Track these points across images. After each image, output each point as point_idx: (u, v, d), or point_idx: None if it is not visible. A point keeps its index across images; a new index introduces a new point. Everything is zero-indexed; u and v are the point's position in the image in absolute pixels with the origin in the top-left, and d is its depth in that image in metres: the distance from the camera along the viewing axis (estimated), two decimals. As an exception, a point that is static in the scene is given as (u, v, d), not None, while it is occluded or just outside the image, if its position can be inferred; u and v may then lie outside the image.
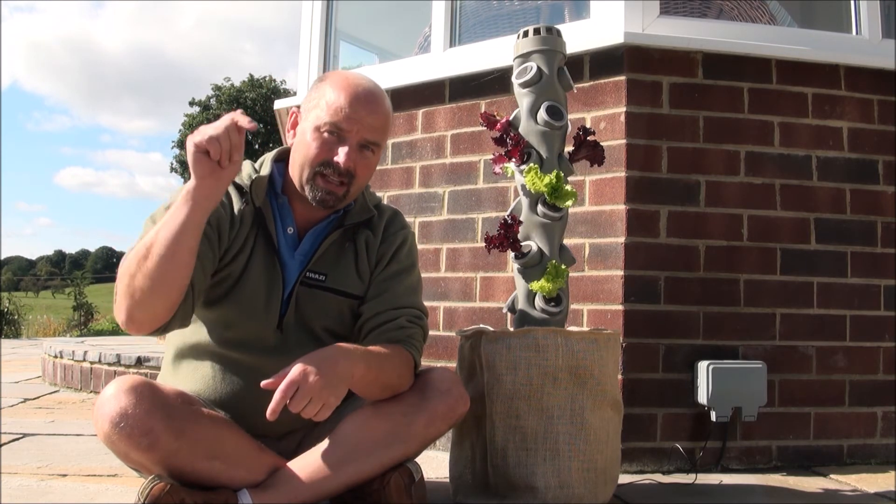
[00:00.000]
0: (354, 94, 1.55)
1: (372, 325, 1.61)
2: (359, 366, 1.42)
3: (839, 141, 2.35)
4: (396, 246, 1.69)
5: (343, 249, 1.65)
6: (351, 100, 1.54)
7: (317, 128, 1.55)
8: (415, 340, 1.61)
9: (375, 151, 1.59)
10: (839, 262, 2.32)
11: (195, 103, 32.35)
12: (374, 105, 1.57)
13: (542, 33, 1.86)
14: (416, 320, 1.63)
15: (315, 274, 1.62)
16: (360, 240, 1.67)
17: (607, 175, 2.20)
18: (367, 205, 1.69)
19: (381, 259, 1.67)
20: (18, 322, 13.08)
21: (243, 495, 1.42)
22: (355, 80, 1.59)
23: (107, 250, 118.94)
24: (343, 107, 1.53)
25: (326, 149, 1.54)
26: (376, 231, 1.69)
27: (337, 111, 1.53)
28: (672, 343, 2.18)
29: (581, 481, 1.66)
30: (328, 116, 1.53)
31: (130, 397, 1.36)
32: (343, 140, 1.54)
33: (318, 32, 3.03)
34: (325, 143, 1.54)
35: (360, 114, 1.54)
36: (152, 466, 1.39)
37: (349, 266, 1.65)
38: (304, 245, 1.63)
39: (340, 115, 1.53)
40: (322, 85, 1.59)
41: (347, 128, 1.54)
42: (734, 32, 2.36)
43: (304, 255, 1.63)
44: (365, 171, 1.59)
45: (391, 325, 1.60)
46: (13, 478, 1.89)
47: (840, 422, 2.29)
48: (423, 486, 1.55)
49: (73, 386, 3.68)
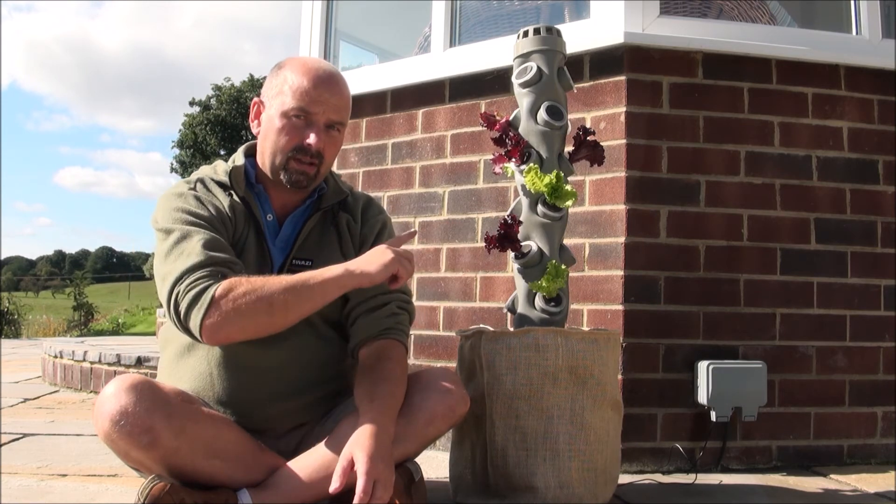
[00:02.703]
0: (317, 76, 1.58)
1: (361, 309, 1.63)
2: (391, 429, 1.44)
3: (839, 141, 2.35)
4: (378, 229, 1.72)
5: (325, 234, 1.68)
6: (315, 83, 1.57)
7: (284, 113, 1.58)
8: (403, 326, 1.66)
9: (341, 130, 1.63)
10: (839, 262, 2.32)
11: (195, 103, 32.32)
12: (336, 86, 1.61)
13: (542, 33, 1.86)
14: (405, 305, 1.67)
15: (301, 260, 1.63)
16: (340, 223, 1.69)
17: (607, 175, 2.20)
18: (340, 186, 1.72)
19: (365, 242, 1.69)
20: (18, 322, 13.09)
21: (243, 495, 1.42)
22: (315, 64, 1.62)
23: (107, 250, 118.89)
24: (308, 90, 1.56)
25: (296, 133, 1.58)
26: (355, 215, 1.72)
27: (303, 95, 1.56)
28: (672, 343, 2.18)
29: (581, 481, 1.66)
30: (294, 101, 1.56)
31: (131, 396, 1.36)
32: (311, 123, 1.58)
33: (318, 32, 3.03)
34: (295, 127, 1.58)
35: (324, 96, 1.58)
36: (152, 465, 1.39)
37: (334, 249, 1.66)
38: (285, 231, 1.65)
39: (307, 99, 1.56)
40: (281, 72, 1.62)
41: (314, 110, 1.57)
42: (734, 32, 2.36)
43: (284, 242, 1.64)
44: (332, 149, 1.63)
45: (382, 311, 1.62)
46: (13, 478, 1.89)
47: (840, 422, 2.29)
48: (423, 486, 1.55)
49: (73, 386, 3.68)
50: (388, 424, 1.44)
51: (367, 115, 2.72)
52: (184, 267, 1.45)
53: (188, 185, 1.62)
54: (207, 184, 1.62)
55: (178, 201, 1.56)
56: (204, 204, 1.57)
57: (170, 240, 1.50)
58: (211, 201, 1.59)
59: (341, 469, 1.35)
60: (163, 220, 1.55)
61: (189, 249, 1.47)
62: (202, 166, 1.71)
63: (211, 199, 1.59)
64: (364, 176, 2.72)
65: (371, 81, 2.72)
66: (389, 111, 2.69)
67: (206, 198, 1.59)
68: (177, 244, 1.49)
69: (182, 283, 1.44)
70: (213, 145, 30.73)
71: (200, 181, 1.63)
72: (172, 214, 1.54)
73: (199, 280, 1.44)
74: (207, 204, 1.57)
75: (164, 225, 1.54)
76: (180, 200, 1.56)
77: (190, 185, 1.62)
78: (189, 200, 1.56)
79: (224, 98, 31.61)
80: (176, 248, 1.48)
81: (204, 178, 1.64)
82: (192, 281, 1.44)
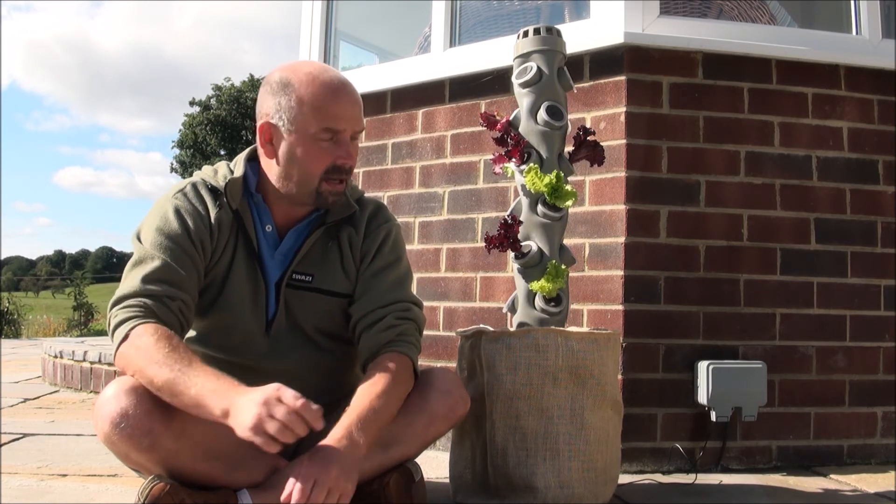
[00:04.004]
0: (335, 91, 1.53)
1: (362, 326, 1.60)
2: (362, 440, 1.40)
3: (839, 141, 2.35)
4: (380, 241, 1.66)
5: (327, 248, 1.64)
6: (335, 97, 1.52)
7: (311, 136, 1.52)
8: (407, 336, 1.59)
9: (359, 138, 1.61)
10: (839, 262, 2.32)
11: (195, 103, 32.33)
12: (353, 94, 1.56)
13: (542, 33, 1.86)
14: (406, 314, 1.62)
15: (301, 275, 1.61)
16: (343, 237, 1.65)
17: (607, 175, 2.20)
18: (349, 200, 1.67)
19: (366, 256, 1.65)
20: (18, 322, 13.08)
21: (243, 495, 1.42)
22: (325, 75, 1.55)
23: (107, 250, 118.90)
24: (329, 107, 1.51)
25: (326, 154, 1.53)
26: (358, 227, 1.66)
27: (326, 114, 1.51)
28: (672, 343, 2.18)
29: (581, 481, 1.67)
30: (318, 122, 1.51)
31: (131, 398, 1.36)
32: (338, 139, 1.53)
33: (318, 32, 3.03)
34: (323, 149, 1.53)
35: (346, 108, 1.53)
36: (152, 467, 1.39)
37: (335, 265, 1.64)
38: (286, 244, 1.62)
39: (331, 117, 1.51)
40: (290, 89, 1.52)
41: (341, 127, 1.53)
42: (734, 32, 2.36)
43: (284, 255, 1.61)
44: (355, 159, 1.60)
45: (380, 325, 1.59)
46: (13, 478, 1.89)
47: (840, 422, 2.29)
48: (423, 486, 1.55)
49: (73, 386, 3.68)
50: (358, 436, 1.39)
51: (367, 115, 2.72)
52: (123, 291, 1.48)
53: (179, 190, 1.60)
54: (200, 189, 1.59)
55: (158, 219, 1.54)
56: (184, 218, 1.54)
57: (134, 256, 1.52)
58: (193, 212, 1.55)
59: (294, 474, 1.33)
60: (142, 230, 1.55)
61: (137, 273, 1.49)
62: (204, 166, 1.69)
63: (196, 208, 1.56)
64: (364, 176, 2.72)
65: (371, 81, 2.72)
66: (389, 111, 2.69)
67: (188, 209, 1.56)
68: (135, 265, 1.51)
69: (117, 306, 1.47)
70: (214, 145, 30.74)
71: (193, 186, 1.60)
72: (146, 232, 1.54)
73: (128, 308, 1.45)
74: (188, 216, 1.55)
75: (137, 238, 1.55)
76: (159, 219, 1.54)
77: (181, 190, 1.59)
78: (168, 217, 1.54)
79: (224, 98, 31.62)
80: (133, 269, 1.50)
81: (198, 182, 1.61)
82: (123, 307, 1.46)
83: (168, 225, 1.53)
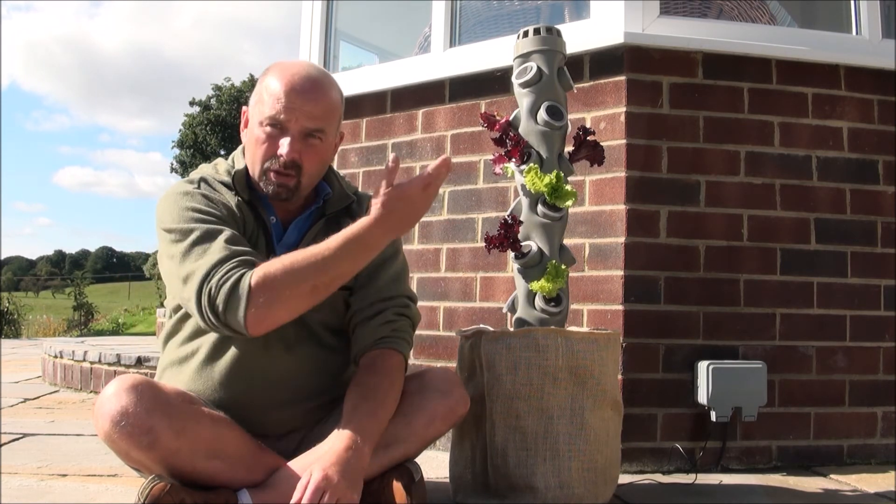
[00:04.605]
0: (290, 83, 1.53)
1: (359, 318, 1.61)
2: (366, 449, 1.42)
3: (839, 141, 2.35)
4: None
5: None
6: (287, 90, 1.52)
7: (259, 123, 1.54)
8: (402, 333, 1.61)
9: (322, 139, 1.56)
10: (839, 262, 2.32)
11: (195, 103, 32.32)
12: (311, 93, 1.54)
13: (542, 33, 1.86)
14: (404, 310, 1.63)
15: None
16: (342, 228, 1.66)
17: (607, 175, 2.20)
18: (345, 191, 1.68)
19: None
20: (18, 322, 13.09)
21: (243, 495, 1.42)
22: (293, 69, 1.56)
23: (107, 250, 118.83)
24: (280, 98, 1.52)
25: (271, 143, 1.53)
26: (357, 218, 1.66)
27: (274, 104, 1.52)
28: (672, 343, 2.18)
29: (581, 481, 1.67)
30: (268, 110, 1.53)
31: (131, 396, 1.36)
32: (285, 131, 1.53)
33: (318, 32, 3.03)
34: (269, 137, 1.53)
35: (296, 103, 1.52)
36: (152, 465, 1.39)
37: None
38: (289, 237, 1.62)
39: (278, 107, 1.52)
40: (265, 78, 1.57)
41: (286, 118, 1.52)
42: (734, 32, 2.36)
43: (287, 248, 1.61)
44: (313, 158, 1.56)
45: (378, 319, 1.60)
46: (13, 478, 1.89)
47: (840, 422, 2.29)
48: (423, 486, 1.55)
49: (73, 386, 3.68)
50: (361, 444, 1.41)
51: (367, 115, 2.72)
52: (210, 263, 1.42)
53: (192, 184, 1.58)
54: (212, 183, 1.59)
55: (187, 200, 1.52)
56: (213, 202, 1.54)
57: (187, 240, 1.46)
58: (219, 199, 1.55)
59: (302, 486, 1.35)
60: (172, 220, 1.50)
61: (211, 247, 1.44)
62: (201, 165, 1.68)
63: (219, 197, 1.56)
64: (364, 176, 2.72)
65: (371, 81, 2.72)
66: (389, 111, 2.69)
67: (214, 196, 1.55)
68: (196, 244, 1.45)
69: (212, 279, 1.40)
70: (214, 145, 30.73)
71: (203, 180, 1.59)
72: (184, 214, 1.50)
73: (230, 272, 1.40)
74: (216, 202, 1.54)
75: (177, 225, 1.49)
76: (189, 199, 1.52)
77: (194, 184, 1.58)
78: (198, 199, 1.53)
79: (224, 98, 31.60)
80: (196, 248, 1.45)
81: (206, 177, 1.60)
82: (223, 275, 1.40)
83: (206, 209, 1.51)
